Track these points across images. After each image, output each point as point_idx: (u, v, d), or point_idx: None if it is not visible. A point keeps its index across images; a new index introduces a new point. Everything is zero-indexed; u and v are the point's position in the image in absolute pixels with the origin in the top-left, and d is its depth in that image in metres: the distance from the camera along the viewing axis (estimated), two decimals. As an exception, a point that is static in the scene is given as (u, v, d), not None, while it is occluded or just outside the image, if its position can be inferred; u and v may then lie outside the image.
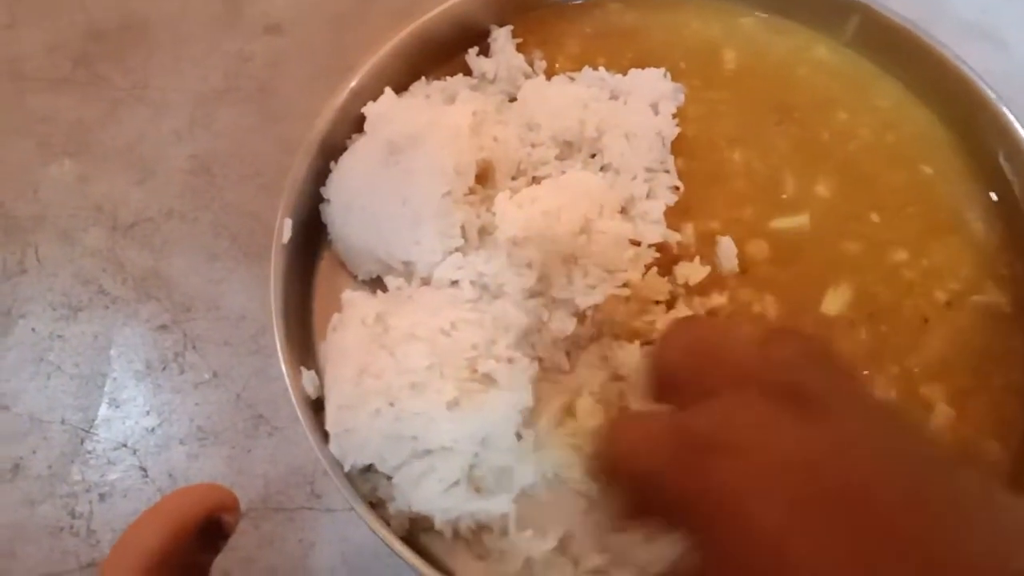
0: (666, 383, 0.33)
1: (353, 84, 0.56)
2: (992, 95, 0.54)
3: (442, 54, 0.61)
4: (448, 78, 0.59)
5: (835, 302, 0.51)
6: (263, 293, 0.51)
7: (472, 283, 0.50)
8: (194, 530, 0.37)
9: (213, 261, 0.59)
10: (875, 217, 0.54)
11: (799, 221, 0.54)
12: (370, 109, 0.53)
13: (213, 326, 0.57)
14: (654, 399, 0.35)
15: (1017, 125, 0.53)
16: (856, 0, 0.59)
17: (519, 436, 0.48)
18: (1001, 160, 0.54)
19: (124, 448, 0.54)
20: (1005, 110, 0.54)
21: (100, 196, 0.62)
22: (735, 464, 0.26)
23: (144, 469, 0.53)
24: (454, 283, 0.50)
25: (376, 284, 0.54)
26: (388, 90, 0.54)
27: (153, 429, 0.54)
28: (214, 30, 0.69)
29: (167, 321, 0.57)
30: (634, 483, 0.30)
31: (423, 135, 0.50)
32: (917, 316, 0.51)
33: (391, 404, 0.44)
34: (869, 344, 0.50)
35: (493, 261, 0.50)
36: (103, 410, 0.55)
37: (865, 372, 0.49)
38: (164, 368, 0.56)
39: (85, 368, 0.56)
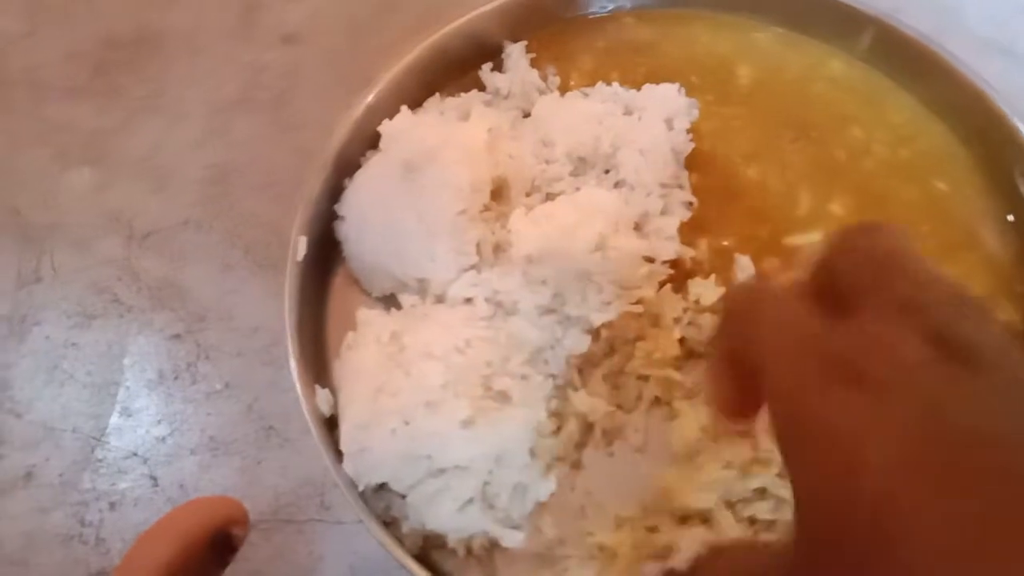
0: (827, 285, 0.29)
1: (368, 100, 0.56)
2: (1008, 111, 0.54)
3: (456, 70, 0.61)
4: (462, 94, 0.59)
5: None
6: (277, 304, 0.51)
7: (486, 300, 0.50)
8: (204, 544, 0.38)
9: (227, 271, 0.59)
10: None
11: (813, 238, 0.54)
12: (385, 127, 0.53)
13: (226, 336, 0.57)
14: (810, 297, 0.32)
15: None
16: (870, 14, 0.59)
17: (533, 454, 0.48)
18: (1017, 177, 0.54)
19: (135, 457, 0.54)
20: (1021, 126, 0.54)
21: (116, 205, 0.63)
22: (863, 399, 0.23)
23: (154, 478, 0.53)
24: (468, 300, 0.50)
25: (390, 301, 0.54)
26: (404, 108, 0.54)
27: (164, 439, 0.54)
28: (230, 40, 0.69)
29: (181, 331, 0.58)
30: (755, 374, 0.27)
31: (438, 153, 0.50)
32: (931, 336, 0.51)
33: (406, 423, 0.45)
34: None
35: (508, 278, 0.50)
36: (115, 419, 0.55)
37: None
38: (177, 378, 0.56)
39: (98, 377, 0.57)
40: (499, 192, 0.54)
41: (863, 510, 0.22)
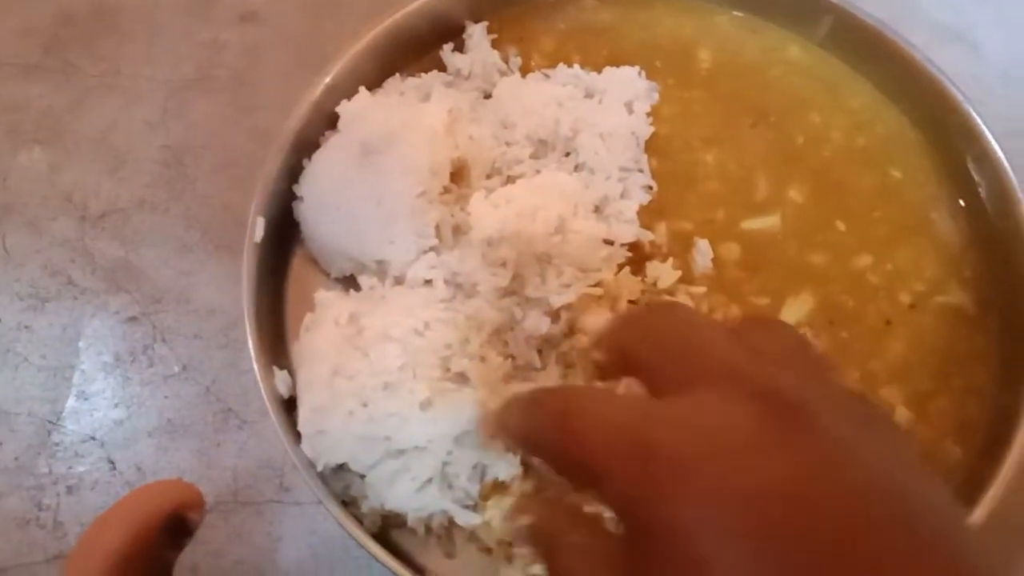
0: (631, 364, 0.30)
1: (327, 80, 0.56)
2: (961, 97, 0.55)
3: (417, 50, 0.61)
4: (423, 75, 0.59)
5: (795, 311, 0.52)
6: (234, 286, 0.51)
7: (446, 282, 0.50)
8: (158, 528, 0.37)
9: (184, 253, 0.59)
10: (841, 226, 0.54)
11: (770, 222, 0.55)
12: (344, 108, 0.53)
13: (183, 319, 0.57)
14: (607, 374, 0.32)
15: (985, 128, 0.54)
16: (829, 0, 0.59)
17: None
18: (969, 163, 0.55)
19: (92, 441, 0.54)
20: (974, 113, 0.54)
21: (70, 185, 0.61)
22: (694, 491, 0.23)
23: (112, 462, 0.53)
24: (428, 282, 0.50)
25: (349, 282, 0.54)
26: (362, 89, 0.54)
27: (121, 422, 0.54)
28: (187, 18, 0.68)
29: (136, 313, 0.57)
30: (575, 470, 0.27)
31: (398, 135, 0.50)
32: (880, 319, 0.52)
33: (364, 405, 0.45)
34: (829, 350, 0.51)
35: (467, 260, 0.50)
36: (71, 402, 0.55)
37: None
38: (133, 360, 0.56)
39: (53, 360, 0.56)
40: (459, 174, 0.54)
41: None
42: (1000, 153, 0.53)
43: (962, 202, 0.55)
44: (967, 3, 0.65)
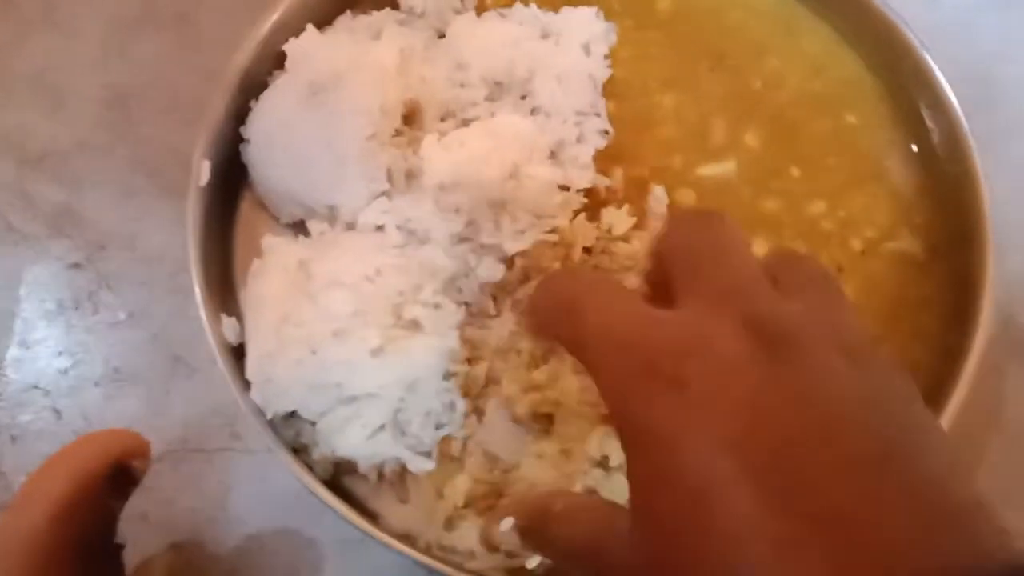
0: (660, 270, 0.31)
1: (275, 17, 0.54)
2: (916, 42, 0.55)
3: (369, -13, 0.59)
4: (375, 12, 0.57)
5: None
6: (182, 232, 0.50)
7: (398, 228, 0.49)
8: (101, 477, 0.37)
9: (129, 197, 0.57)
10: (796, 172, 0.54)
11: (725, 168, 0.55)
12: (291, 46, 0.51)
13: (129, 265, 0.55)
14: (648, 282, 0.33)
15: (939, 74, 0.54)
16: (786, -58, 0.58)
17: (448, 376, 0.48)
18: (922, 108, 0.55)
19: (36, 390, 0.52)
20: (928, 58, 0.54)
21: (6, 126, 0.59)
22: (680, 400, 0.24)
23: (58, 411, 0.52)
24: (379, 228, 0.49)
25: (300, 227, 0.52)
26: (310, 27, 0.52)
27: (66, 370, 0.53)
28: (128, -50, 0.65)
29: (80, 259, 0.55)
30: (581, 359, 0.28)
31: (346, 74, 0.49)
32: (832, 265, 0.52)
33: (314, 352, 0.44)
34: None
35: (420, 206, 0.49)
36: (13, 351, 0.53)
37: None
38: (77, 308, 0.54)
39: (-8, 308, 0.54)
40: (412, 116, 0.53)
41: (683, 511, 0.23)
42: (953, 100, 0.53)
43: (915, 148, 0.55)
44: (926, -54, 0.64)
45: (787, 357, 0.25)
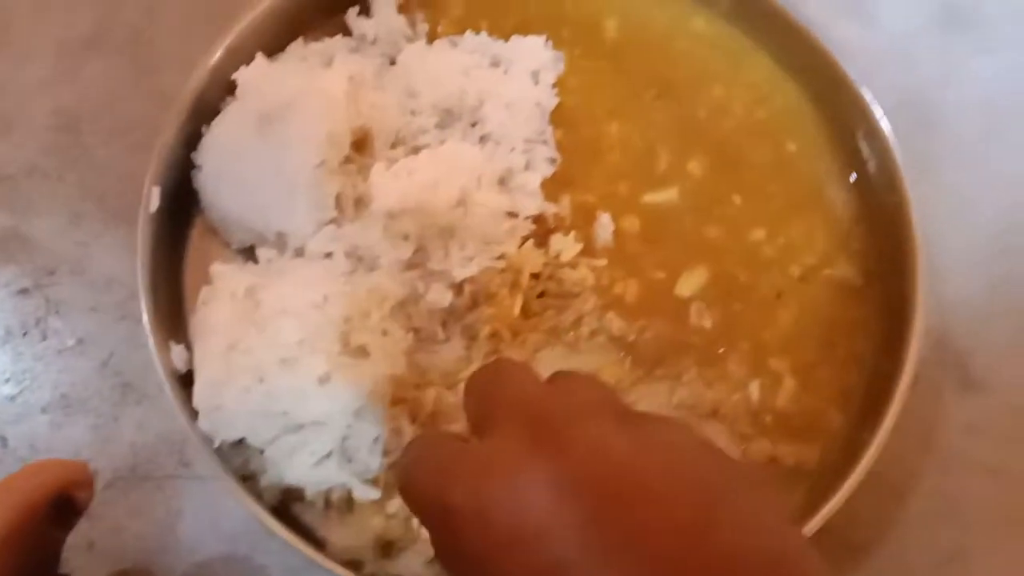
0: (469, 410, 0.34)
1: (227, 43, 0.54)
2: (852, 75, 0.56)
3: (321, 13, 0.59)
4: (327, 39, 0.58)
5: (689, 284, 0.53)
6: (132, 257, 0.50)
7: (347, 255, 0.50)
8: (43, 508, 0.37)
9: (79, 222, 0.57)
10: (737, 199, 0.56)
11: (669, 195, 0.56)
12: (242, 75, 0.51)
13: (78, 291, 0.55)
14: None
15: (874, 106, 0.55)
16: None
17: (395, 402, 0.48)
18: (859, 139, 0.57)
19: (-17, 417, 0.52)
20: (863, 91, 0.56)
21: (-47, 151, 0.59)
22: (477, 533, 0.26)
23: (3, 438, 0.52)
24: (328, 255, 0.50)
25: (250, 253, 0.53)
26: (260, 55, 0.53)
27: (13, 397, 0.53)
28: (81, -28, 0.65)
29: (28, 285, 0.55)
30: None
31: (296, 103, 0.49)
32: (772, 292, 0.53)
33: (261, 380, 0.45)
34: (722, 322, 0.53)
35: (368, 233, 0.50)
36: (-41, 378, 0.53)
37: (720, 350, 0.52)
38: (25, 334, 0.54)
39: (-61, 333, 0.54)
40: (362, 143, 0.54)
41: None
42: (888, 130, 0.54)
43: (853, 177, 0.57)
44: (866, -22, 0.66)
45: (560, 444, 0.26)
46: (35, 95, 0.61)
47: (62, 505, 0.38)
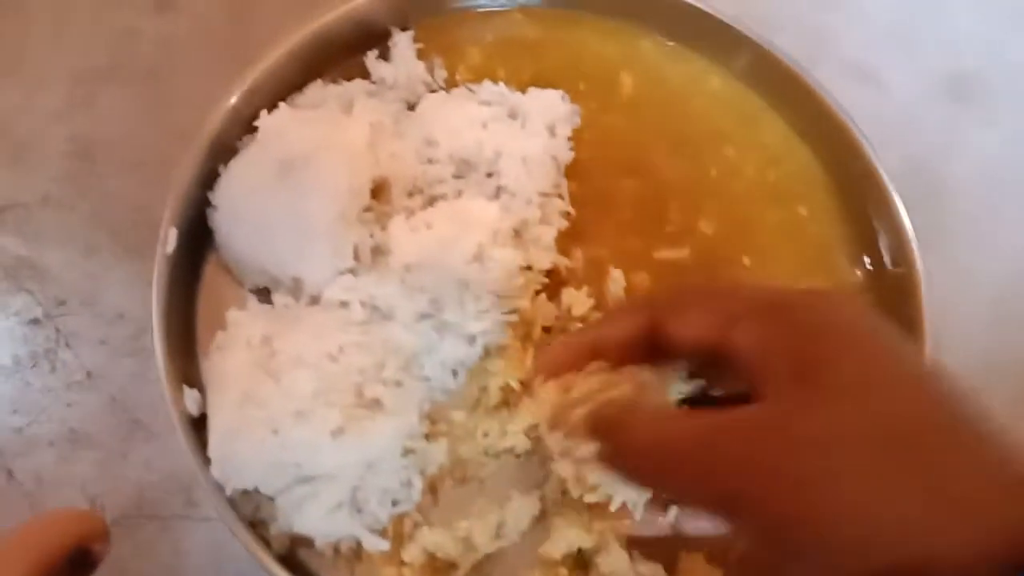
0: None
1: (246, 85, 0.55)
2: (866, 145, 0.57)
3: (340, 55, 0.60)
4: (345, 82, 0.58)
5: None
6: (144, 291, 0.50)
7: (362, 304, 0.50)
8: (60, 561, 0.37)
9: (91, 254, 0.57)
10: (747, 260, 0.57)
11: (680, 254, 0.57)
12: (264, 122, 0.52)
13: (89, 323, 0.55)
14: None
15: (886, 178, 0.57)
16: (747, 35, 0.61)
17: (406, 453, 0.49)
18: (870, 208, 0.58)
19: (-12, 449, 0.52)
20: (876, 162, 0.57)
21: (-32, 175, 0.59)
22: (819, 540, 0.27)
23: (9, 471, 0.52)
24: (344, 304, 0.50)
25: (264, 292, 0.53)
26: (283, 104, 0.53)
27: (20, 429, 0.52)
28: (99, 2, 0.65)
29: (39, 315, 0.55)
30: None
31: (317, 154, 0.50)
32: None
33: (275, 432, 0.45)
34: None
35: (385, 284, 0.50)
36: (-34, 408, 0.53)
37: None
38: (34, 365, 0.54)
39: (-53, 361, 0.54)
40: (380, 190, 0.54)
41: None
42: (899, 203, 0.55)
43: (862, 244, 0.58)
44: (878, 41, 0.68)
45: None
46: (49, 123, 0.61)
47: (77, 558, 0.38)
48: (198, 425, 0.48)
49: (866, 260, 0.58)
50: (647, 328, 0.35)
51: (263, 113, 0.53)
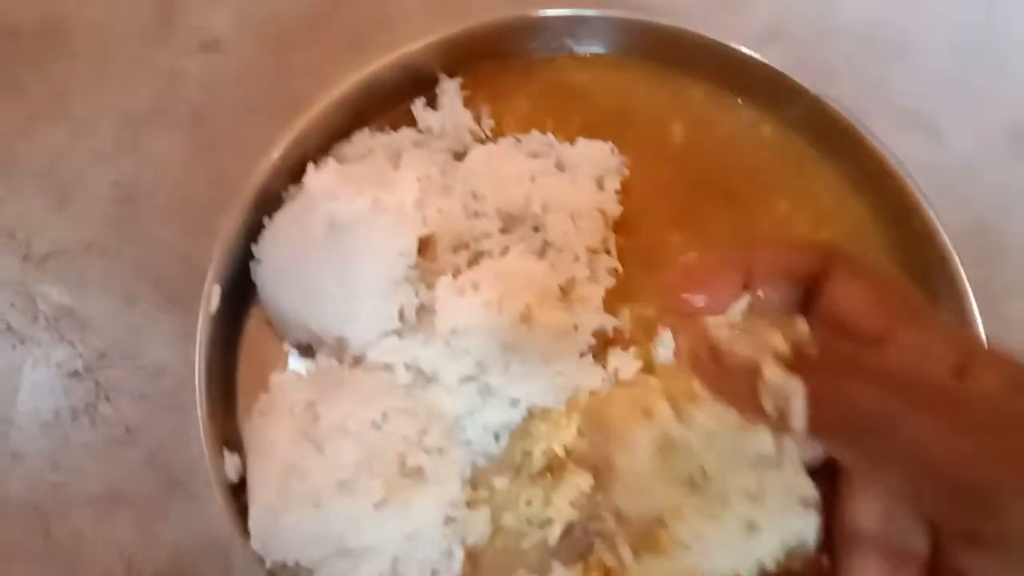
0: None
1: (293, 135, 0.54)
2: (922, 199, 0.55)
3: (388, 102, 0.59)
4: (392, 132, 0.58)
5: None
6: (185, 344, 0.50)
7: (407, 367, 0.49)
8: None
9: (133, 304, 0.56)
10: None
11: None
12: (311, 181, 0.51)
13: (129, 376, 0.54)
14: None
15: (945, 236, 0.55)
16: (800, 85, 0.59)
17: (447, 522, 0.48)
18: (927, 266, 0.56)
19: (28, 506, 0.51)
20: (934, 217, 0.55)
21: (12, 220, 0.58)
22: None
23: (48, 530, 0.51)
24: (388, 366, 0.49)
25: (306, 348, 0.53)
26: (332, 161, 0.52)
27: (59, 486, 0.52)
28: (144, 42, 0.64)
29: (79, 367, 0.55)
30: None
31: (365, 216, 0.49)
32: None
33: (317, 506, 0.44)
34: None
35: (430, 347, 0.49)
36: (6, 462, 0.52)
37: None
38: (75, 419, 0.53)
39: (-12, 413, 0.53)
40: (426, 246, 0.53)
41: None
42: (959, 263, 0.53)
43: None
44: (935, 91, 0.65)
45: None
46: (94, 166, 0.61)
47: None
48: (238, 488, 0.47)
49: (924, 323, 0.56)
50: (814, 271, 0.30)
51: (310, 168, 0.52)
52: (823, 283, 0.30)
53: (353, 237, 0.49)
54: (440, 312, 0.49)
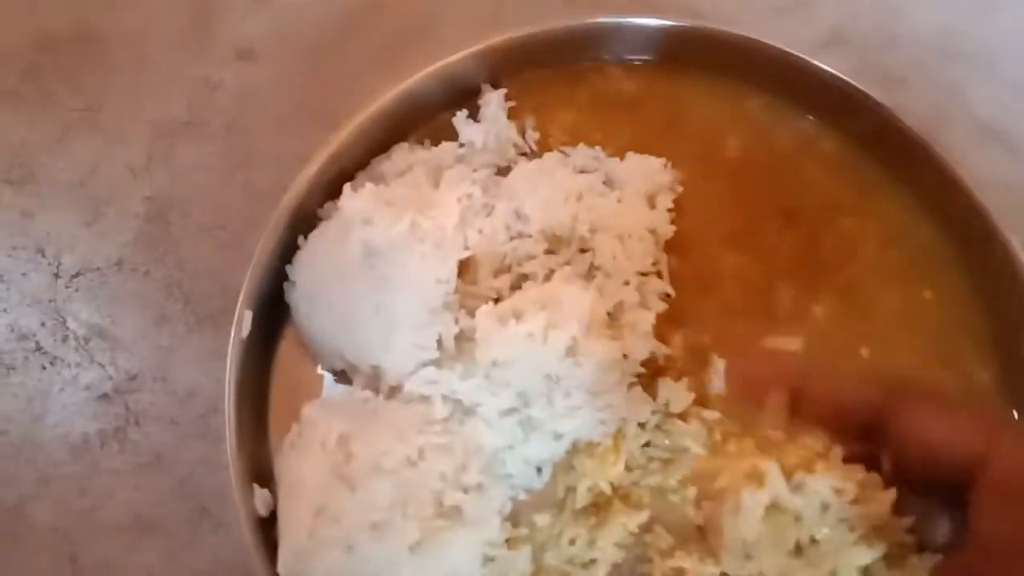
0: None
1: (330, 151, 0.52)
2: (996, 216, 0.51)
3: (428, 114, 0.56)
4: (432, 146, 0.55)
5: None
6: (216, 365, 0.48)
7: (444, 399, 0.47)
8: None
9: (163, 324, 0.55)
10: (865, 352, 0.51)
11: (792, 344, 0.52)
12: (348, 203, 0.48)
13: (159, 400, 0.53)
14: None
15: (1021, 255, 0.51)
16: (866, 94, 0.55)
17: (485, 562, 0.45)
18: (1003, 291, 0.52)
19: (54, 532, 0.50)
20: (1010, 237, 0.51)
21: (43, 236, 0.57)
22: None
23: (74, 557, 0.49)
24: (425, 398, 0.47)
25: (340, 373, 0.50)
26: (369, 185, 0.49)
27: (87, 514, 0.50)
28: (179, 51, 0.63)
29: (109, 390, 0.53)
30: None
31: (403, 242, 0.46)
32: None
33: (349, 549, 0.41)
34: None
35: (469, 379, 0.46)
36: (33, 487, 0.51)
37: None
38: (103, 445, 0.52)
39: (15, 437, 0.52)
40: (466, 269, 0.50)
41: None
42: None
43: (995, 334, 0.52)
44: (1012, 102, 0.61)
45: None
46: (128, 179, 0.59)
47: None
48: (267, 520, 0.45)
49: (997, 353, 0.52)
50: (877, 407, 0.32)
51: (346, 191, 0.49)
52: (891, 416, 0.32)
53: (390, 264, 0.46)
54: (481, 343, 0.46)
